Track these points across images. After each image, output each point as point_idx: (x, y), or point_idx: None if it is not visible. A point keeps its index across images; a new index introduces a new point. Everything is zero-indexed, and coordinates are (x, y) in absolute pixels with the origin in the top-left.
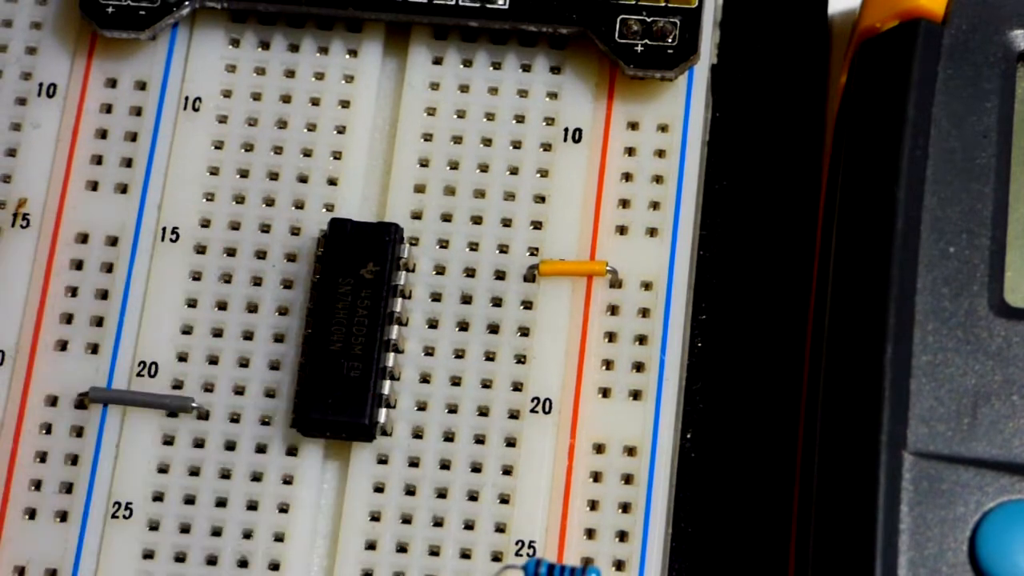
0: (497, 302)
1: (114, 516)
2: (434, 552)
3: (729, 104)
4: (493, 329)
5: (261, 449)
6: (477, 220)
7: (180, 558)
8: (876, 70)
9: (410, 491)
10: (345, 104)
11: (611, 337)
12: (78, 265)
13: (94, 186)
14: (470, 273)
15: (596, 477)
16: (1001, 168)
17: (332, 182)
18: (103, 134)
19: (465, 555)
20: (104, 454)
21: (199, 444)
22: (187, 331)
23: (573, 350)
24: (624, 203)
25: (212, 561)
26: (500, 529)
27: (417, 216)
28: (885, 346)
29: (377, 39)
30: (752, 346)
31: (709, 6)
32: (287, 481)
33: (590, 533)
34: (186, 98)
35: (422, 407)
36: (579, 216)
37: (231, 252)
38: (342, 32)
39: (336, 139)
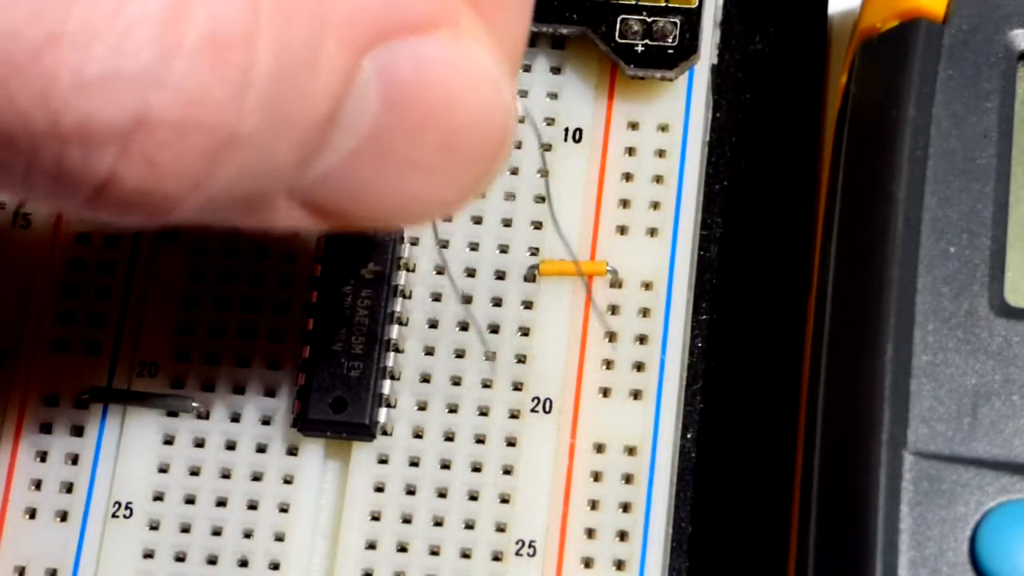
0: (497, 302)
1: (114, 516)
2: (434, 552)
3: (729, 104)
4: (493, 329)
5: (261, 449)
6: (477, 220)
7: (180, 558)
8: (876, 70)
9: (410, 491)
10: None
11: (611, 337)
12: (78, 265)
13: None
14: (470, 273)
15: (596, 477)
16: (1001, 168)
17: None
18: None
19: (465, 555)
20: (104, 454)
21: (199, 444)
22: (187, 331)
23: (573, 350)
24: (624, 203)
25: (212, 561)
26: (500, 529)
27: None
28: (885, 346)
29: None
30: (752, 346)
31: (709, 6)
32: (287, 481)
33: (590, 533)
34: None
35: (422, 407)
36: (579, 216)
37: (231, 252)
38: None
39: None
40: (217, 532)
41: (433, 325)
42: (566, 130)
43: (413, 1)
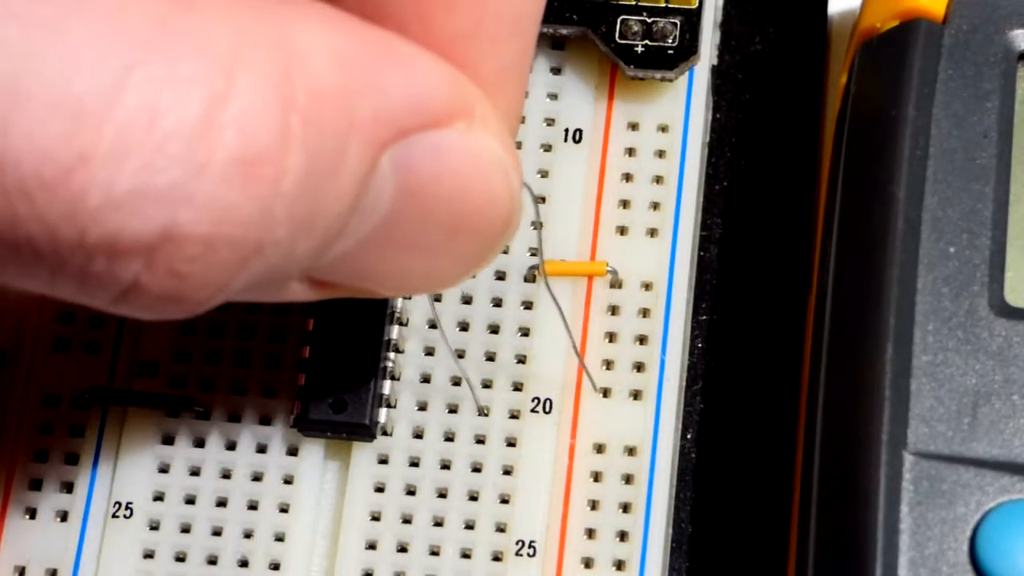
0: (497, 302)
1: (114, 516)
2: (434, 552)
3: (729, 105)
4: (493, 329)
5: (261, 449)
6: None
7: (180, 558)
8: (876, 70)
9: (410, 491)
10: None
11: (611, 337)
12: None
13: None
14: None
15: (596, 477)
16: (1001, 168)
17: None
18: None
19: (465, 555)
20: (104, 454)
21: (199, 444)
22: (187, 331)
23: (573, 350)
24: (624, 203)
25: (212, 561)
26: (500, 529)
27: None
28: (885, 346)
29: None
30: (752, 346)
31: (709, 6)
32: (287, 481)
33: (590, 533)
34: None
35: (422, 407)
36: (579, 216)
37: None
38: None
39: None
40: (217, 532)
41: (433, 326)
42: (566, 131)
43: (434, 97)
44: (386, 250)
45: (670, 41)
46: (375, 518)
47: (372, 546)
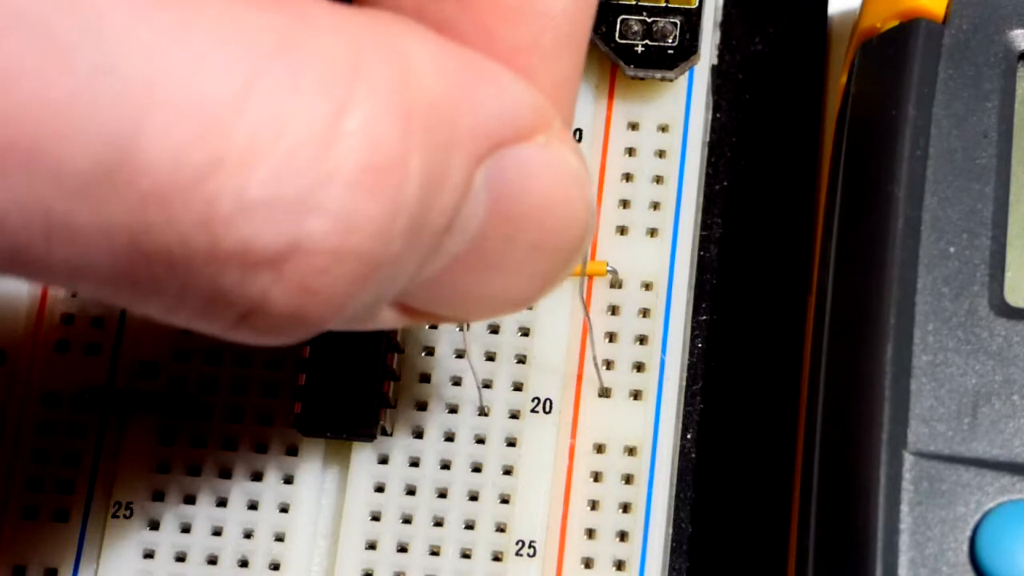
0: None
1: (114, 516)
2: (434, 552)
3: (729, 105)
4: (493, 330)
5: (261, 449)
6: None
7: (180, 558)
8: (876, 70)
9: (410, 491)
10: None
11: (611, 337)
12: None
13: None
14: None
15: (596, 477)
16: (1001, 168)
17: None
18: None
19: (465, 555)
20: (104, 454)
21: (199, 444)
22: (187, 331)
23: (573, 350)
24: (624, 203)
25: (212, 561)
26: (500, 529)
27: None
28: (885, 346)
29: None
30: (752, 346)
31: (709, 6)
32: (287, 481)
33: (590, 533)
34: None
35: (422, 407)
36: None
37: None
38: None
39: None
40: (217, 532)
41: (433, 325)
42: None
43: (522, 110)
44: (471, 271)
45: (670, 41)
46: (375, 518)
47: (372, 546)
